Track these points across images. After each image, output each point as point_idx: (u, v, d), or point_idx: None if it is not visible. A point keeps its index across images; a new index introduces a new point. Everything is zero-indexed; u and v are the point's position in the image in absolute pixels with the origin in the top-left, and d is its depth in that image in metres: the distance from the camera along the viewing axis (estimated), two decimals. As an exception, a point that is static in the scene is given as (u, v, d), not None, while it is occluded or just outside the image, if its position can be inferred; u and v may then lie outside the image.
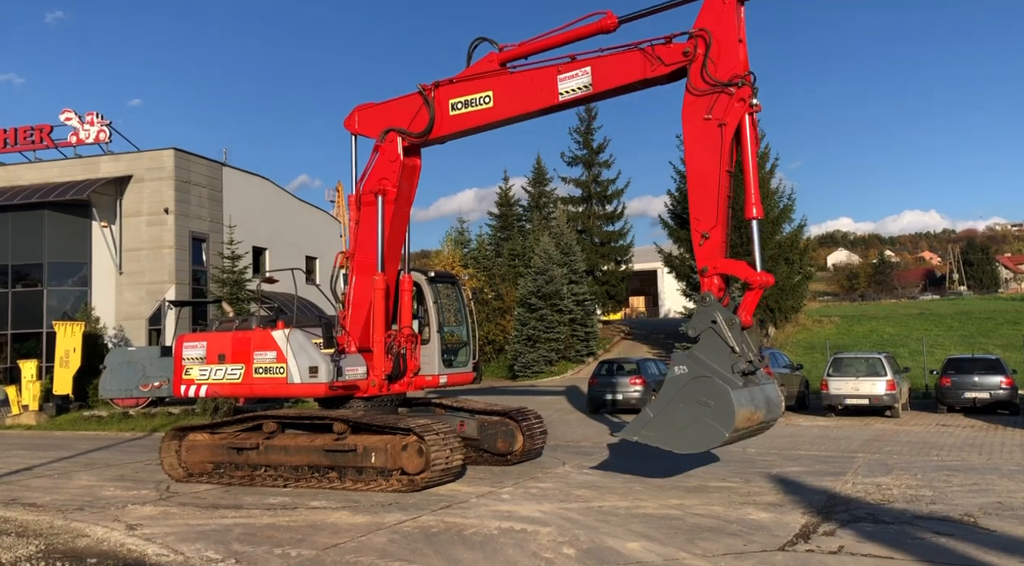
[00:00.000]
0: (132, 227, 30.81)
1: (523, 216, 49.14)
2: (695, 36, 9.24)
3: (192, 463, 11.99)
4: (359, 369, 11.60)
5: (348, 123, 12.28)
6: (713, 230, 9.01)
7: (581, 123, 47.31)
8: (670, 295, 55.11)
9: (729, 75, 8.99)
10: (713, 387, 8.48)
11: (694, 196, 9.29)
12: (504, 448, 12.60)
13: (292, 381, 11.34)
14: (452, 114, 11.25)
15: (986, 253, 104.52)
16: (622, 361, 23.90)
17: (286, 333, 11.55)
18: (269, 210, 36.00)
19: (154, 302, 29.98)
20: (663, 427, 8.87)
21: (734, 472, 11.71)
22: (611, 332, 43.56)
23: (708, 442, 8.72)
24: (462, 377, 13.15)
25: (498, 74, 10.92)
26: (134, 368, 23.67)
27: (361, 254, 11.89)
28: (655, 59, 9.58)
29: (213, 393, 12.35)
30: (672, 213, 38.63)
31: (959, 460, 12.83)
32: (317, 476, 11.09)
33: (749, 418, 8.66)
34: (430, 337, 12.48)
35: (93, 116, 31.53)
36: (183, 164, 31.16)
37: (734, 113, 8.94)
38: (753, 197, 9.08)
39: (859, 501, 9.46)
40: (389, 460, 10.51)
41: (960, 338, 34.94)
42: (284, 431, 11.76)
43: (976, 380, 20.14)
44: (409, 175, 11.95)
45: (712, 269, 8.94)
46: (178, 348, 12.51)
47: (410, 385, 12.21)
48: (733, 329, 8.58)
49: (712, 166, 9.05)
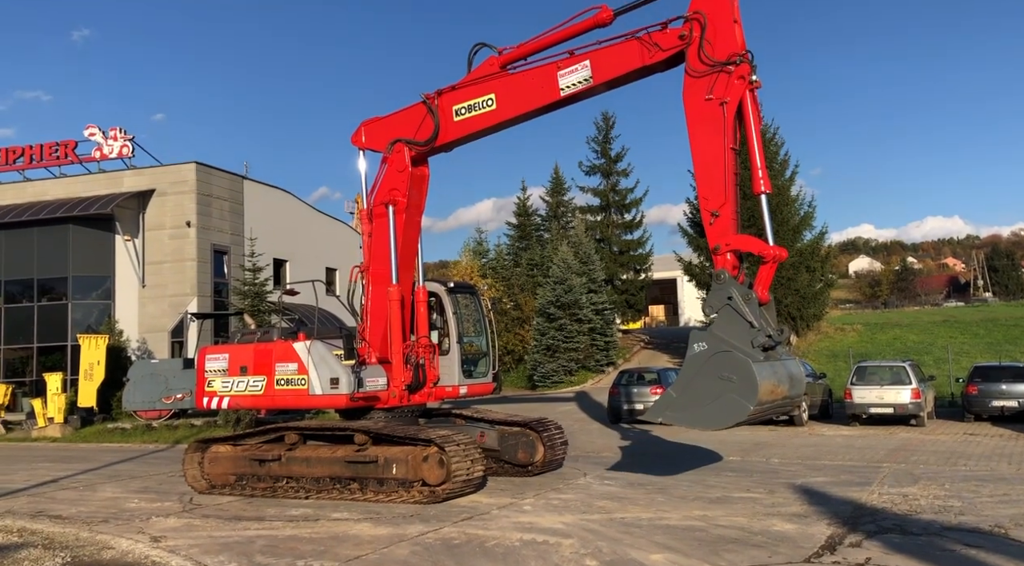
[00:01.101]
0: (155, 240, 31.14)
1: (541, 226, 49.18)
2: (690, 19, 9.31)
3: (215, 475, 12.05)
4: (379, 380, 11.63)
5: (355, 139, 12.42)
6: (723, 208, 9.00)
7: (599, 132, 47.35)
8: (690, 304, 54.85)
9: (727, 55, 9.02)
10: (734, 361, 8.35)
11: (701, 176, 9.30)
12: (525, 459, 12.55)
13: (313, 393, 11.40)
14: (456, 120, 11.35)
15: (1011, 259, 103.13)
16: (642, 370, 23.76)
17: (307, 345, 11.62)
18: (289, 222, 36.26)
19: (176, 315, 30.24)
20: (687, 406, 8.73)
21: (758, 482, 11.59)
22: (631, 341, 43.38)
23: (734, 416, 8.51)
24: (482, 388, 13.14)
25: (499, 76, 11.02)
26: (157, 380, 23.85)
27: (376, 266, 11.98)
28: (652, 46, 9.66)
29: (235, 405, 12.42)
30: (691, 221, 38.49)
31: (988, 470, 12.62)
32: (339, 488, 11.09)
33: (772, 391, 8.51)
34: (450, 348, 12.48)
35: (117, 131, 31.95)
36: (205, 178, 31.48)
37: (735, 91, 8.97)
38: (760, 172, 9.07)
39: (886, 511, 9.33)
40: (410, 471, 10.51)
41: (986, 345, 34.44)
42: (305, 442, 11.80)
43: (1004, 388, 19.83)
44: (418, 184, 12.04)
45: (725, 246, 8.89)
46: (200, 360, 12.60)
47: (430, 396, 12.23)
48: (750, 304, 8.51)
49: (717, 144, 9.07)
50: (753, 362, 8.27)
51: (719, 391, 8.42)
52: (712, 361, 8.54)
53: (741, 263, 9.08)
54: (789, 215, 35.63)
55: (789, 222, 35.43)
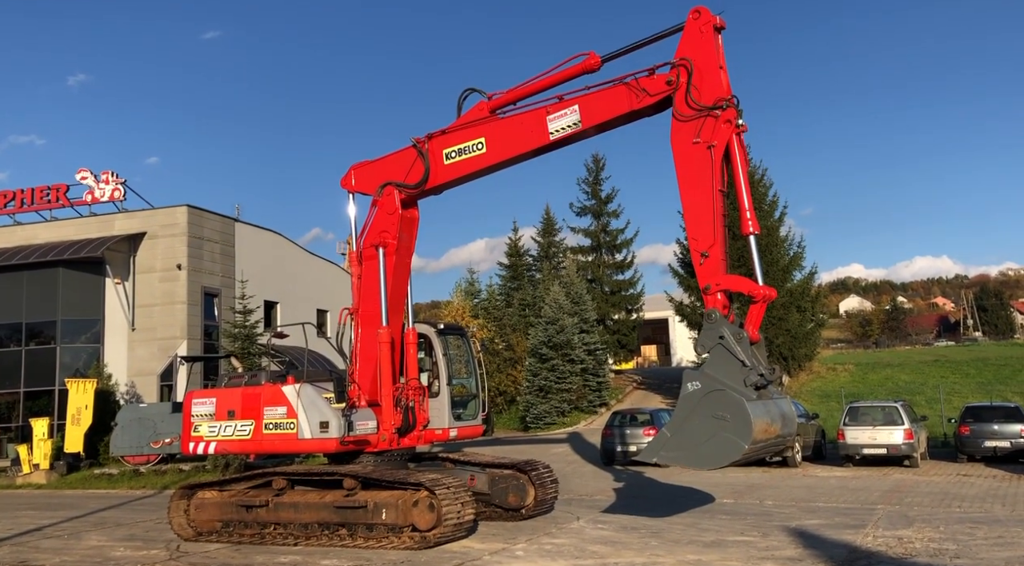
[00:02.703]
0: (145, 283, 31.07)
1: (533, 266, 49.30)
2: (677, 65, 9.49)
3: (201, 522, 11.85)
4: (370, 423, 11.51)
5: (345, 182, 12.52)
6: (712, 248, 9.11)
7: (589, 173, 47.77)
8: (682, 344, 54.81)
9: (713, 99, 9.19)
10: (728, 400, 8.35)
11: (690, 217, 9.44)
12: (515, 502, 12.42)
13: (303, 437, 11.27)
14: (447, 163, 11.46)
15: (1000, 298, 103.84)
16: (635, 411, 23.66)
17: (296, 388, 11.51)
18: (280, 264, 36.29)
19: (166, 358, 30.05)
20: (682, 446, 8.70)
21: (752, 525, 11.49)
22: (623, 382, 43.25)
23: (728, 456, 8.49)
24: (472, 430, 13.03)
25: (489, 121, 11.16)
26: (145, 425, 23.60)
27: (365, 308, 11.95)
28: (640, 91, 9.83)
29: (222, 450, 12.24)
30: (682, 262, 38.68)
31: (982, 512, 12.55)
32: (327, 534, 10.91)
33: (766, 430, 8.52)
34: (439, 390, 12.42)
35: (108, 175, 32.09)
36: (196, 220, 31.56)
37: (721, 134, 9.13)
38: (748, 213, 9.21)
39: (881, 555, 9.25)
40: (400, 516, 10.36)
41: (977, 385, 34.48)
42: (293, 487, 11.63)
43: (996, 428, 19.82)
44: (408, 226, 12.11)
45: (715, 286, 8.96)
46: (187, 405, 12.45)
47: (419, 439, 12.12)
48: (741, 343, 8.55)
49: (705, 187, 9.22)
50: (747, 401, 8.27)
51: (713, 430, 8.40)
52: (706, 400, 8.54)
53: (731, 303, 9.16)
54: (779, 255, 35.87)
55: (779, 262, 35.65)
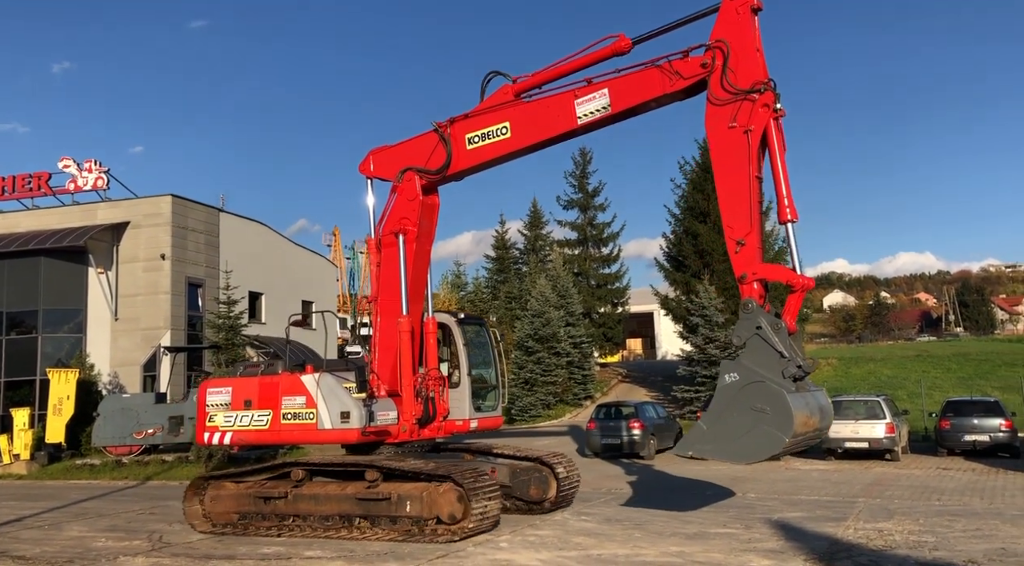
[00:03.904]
0: (128, 273, 30.82)
1: (519, 259, 49.38)
2: (713, 48, 9.22)
3: (216, 513, 11.58)
4: (390, 414, 11.25)
5: (363, 167, 12.19)
6: (748, 236, 8.88)
7: (576, 167, 47.84)
8: (667, 337, 55.04)
9: (750, 83, 8.93)
10: (768, 392, 8.11)
11: (726, 204, 9.14)
12: (537, 495, 12.18)
13: (323, 427, 11.00)
14: (470, 148, 11.16)
15: (981, 294, 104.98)
16: (620, 404, 23.74)
17: (316, 377, 11.23)
18: (266, 255, 36.10)
19: (149, 348, 29.85)
20: (718, 439, 8.46)
21: (734, 518, 11.57)
22: (608, 375, 43.41)
23: (768, 449, 8.28)
24: (492, 421, 12.79)
25: (514, 105, 10.82)
26: (128, 415, 23.44)
27: (385, 296, 11.66)
28: (673, 74, 9.53)
29: (239, 440, 11.91)
30: (667, 255, 38.85)
31: (961, 505, 12.70)
32: (348, 526, 10.65)
33: (806, 423, 8.30)
34: (460, 380, 12.20)
35: (91, 163, 31.78)
36: (180, 210, 31.32)
37: (759, 119, 8.86)
38: (787, 200, 8.89)
39: (861, 547, 9.34)
40: (425, 509, 10.13)
41: (958, 380, 34.87)
42: (312, 479, 11.38)
43: (976, 423, 20.04)
44: (429, 213, 11.84)
45: (751, 275, 8.72)
46: (202, 394, 12.17)
47: (439, 430, 11.88)
48: (779, 333, 8.33)
49: (742, 172, 8.94)
50: (787, 393, 8.08)
51: (752, 423, 8.17)
52: (744, 392, 8.30)
53: (767, 292, 8.92)
54: (764, 251, 36.00)
55: (764, 256, 35.78)
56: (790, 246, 9.03)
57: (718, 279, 34.16)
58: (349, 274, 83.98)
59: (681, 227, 37.95)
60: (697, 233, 36.28)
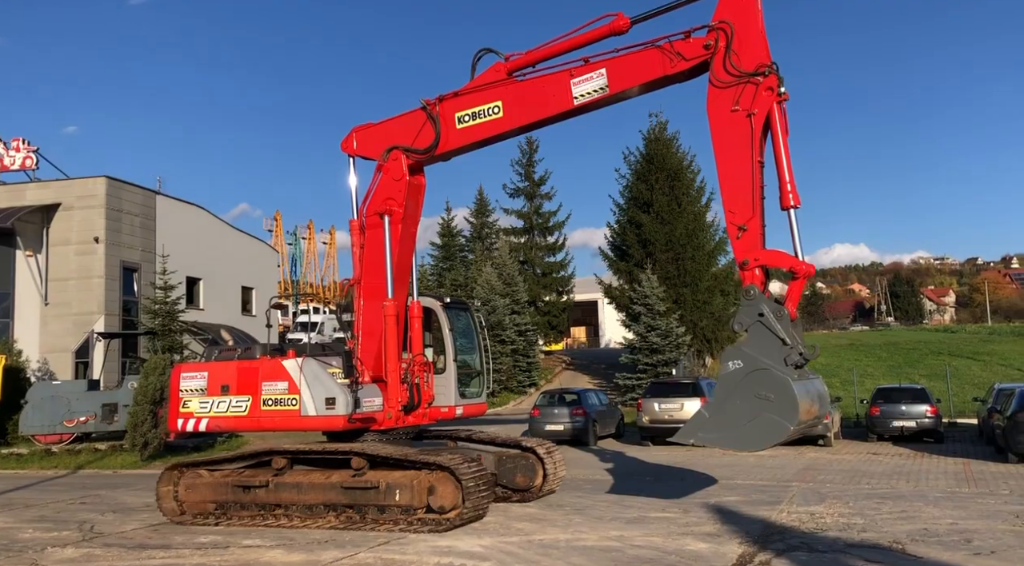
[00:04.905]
0: (60, 256, 29.79)
1: (465, 247, 49.28)
2: (716, 29, 9.09)
3: (191, 503, 11.16)
4: (376, 400, 10.97)
5: (346, 145, 11.80)
6: (750, 221, 8.75)
7: (523, 155, 47.91)
8: (610, 326, 55.63)
9: (754, 65, 8.79)
10: (773, 379, 8.06)
11: (727, 189, 9.00)
12: (524, 483, 12.02)
13: (306, 413, 10.65)
14: (459, 127, 10.85)
15: (911, 286, 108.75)
16: (563, 392, 23.97)
17: (299, 362, 10.87)
18: (204, 239, 35.28)
19: (82, 334, 28.93)
20: (721, 426, 8.38)
21: (673, 502, 11.79)
22: (553, 362, 43.73)
23: (773, 437, 8.21)
24: (476, 408, 12.59)
25: (506, 83, 10.53)
26: (59, 403, 22.66)
27: (369, 279, 11.33)
28: (674, 55, 9.37)
29: (215, 427, 11.45)
30: (612, 245, 39.24)
31: (888, 488, 13.17)
32: (333, 515, 10.40)
33: (808, 411, 8.26)
34: (446, 366, 12.01)
35: (19, 142, 30.60)
36: (115, 192, 30.36)
37: (762, 102, 8.74)
38: (789, 186, 8.78)
39: (794, 530, 9.61)
40: (415, 498, 9.93)
41: (888, 368, 36.11)
42: (293, 467, 11.05)
43: (904, 409, 20.79)
44: (415, 194, 11.53)
45: (753, 261, 8.61)
46: (175, 379, 11.72)
47: (425, 416, 11.64)
48: (782, 321, 8.24)
49: (744, 157, 8.83)
50: (792, 381, 8.06)
51: (756, 411, 8.10)
52: (748, 380, 8.23)
53: (768, 278, 8.85)
54: (705, 240, 36.71)
55: (705, 247, 36.50)
56: (792, 232, 8.85)
57: (660, 269, 34.67)
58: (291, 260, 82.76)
59: (625, 217, 38.34)
60: (641, 223, 36.70)
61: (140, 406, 19.47)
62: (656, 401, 21.21)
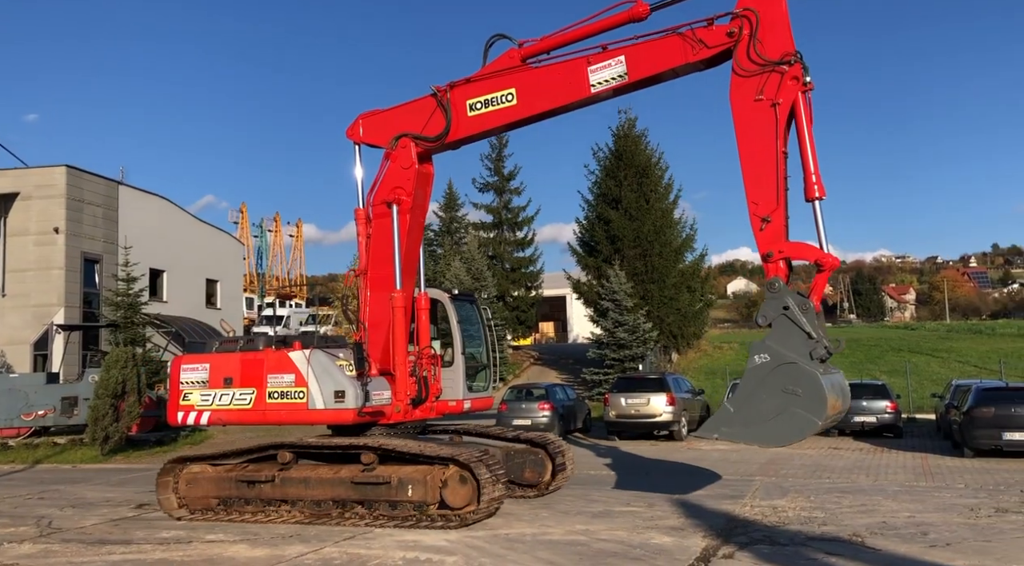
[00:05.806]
0: (18, 247, 29.11)
1: (434, 241, 49.07)
2: (740, 16, 8.94)
3: (193, 498, 10.84)
4: (384, 393, 10.71)
5: (351, 132, 11.52)
6: (774, 213, 8.63)
7: (492, 150, 47.81)
8: (578, 321, 55.87)
9: (779, 54, 8.64)
10: (800, 373, 7.91)
11: (750, 179, 8.85)
12: (532, 478, 11.84)
13: (314, 407, 10.38)
14: (471, 115, 10.56)
15: (873, 283, 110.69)
16: (531, 386, 24.05)
17: (306, 354, 10.59)
18: (168, 231, 34.71)
19: (40, 326, 28.32)
20: (747, 421, 8.23)
21: (638, 497, 11.89)
22: (521, 357, 43.78)
23: (799, 433, 8.11)
24: (483, 402, 12.43)
25: (520, 70, 10.28)
26: (16, 396, 22.21)
27: (376, 270, 11.08)
28: (696, 43, 9.17)
29: (217, 420, 11.14)
30: (580, 240, 39.37)
31: (849, 482, 13.42)
32: (341, 511, 10.12)
33: (834, 406, 8.09)
34: (454, 359, 11.83)
35: (-24, 128, 29.80)
36: (76, 182, 29.73)
37: (787, 92, 8.58)
38: (814, 177, 8.66)
39: (757, 523, 9.75)
40: (428, 493, 9.67)
41: (850, 364, 36.60)
42: (299, 461, 10.76)
43: (864, 404, 21.13)
44: (423, 183, 11.27)
45: (778, 253, 8.47)
46: (175, 371, 11.38)
47: (432, 410, 11.46)
48: (807, 314, 8.12)
49: (768, 147, 8.67)
50: (820, 376, 7.96)
51: (783, 406, 7.96)
52: (775, 374, 8.07)
53: (791, 270, 8.74)
54: (672, 237, 36.99)
55: (672, 243, 36.77)
56: (817, 224, 8.73)
57: (628, 265, 34.86)
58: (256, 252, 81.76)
59: (594, 213, 38.47)
60: (609, 219, 36.87)
61: (101, 400, 19.12)
62: (623, 396, 21.34)
